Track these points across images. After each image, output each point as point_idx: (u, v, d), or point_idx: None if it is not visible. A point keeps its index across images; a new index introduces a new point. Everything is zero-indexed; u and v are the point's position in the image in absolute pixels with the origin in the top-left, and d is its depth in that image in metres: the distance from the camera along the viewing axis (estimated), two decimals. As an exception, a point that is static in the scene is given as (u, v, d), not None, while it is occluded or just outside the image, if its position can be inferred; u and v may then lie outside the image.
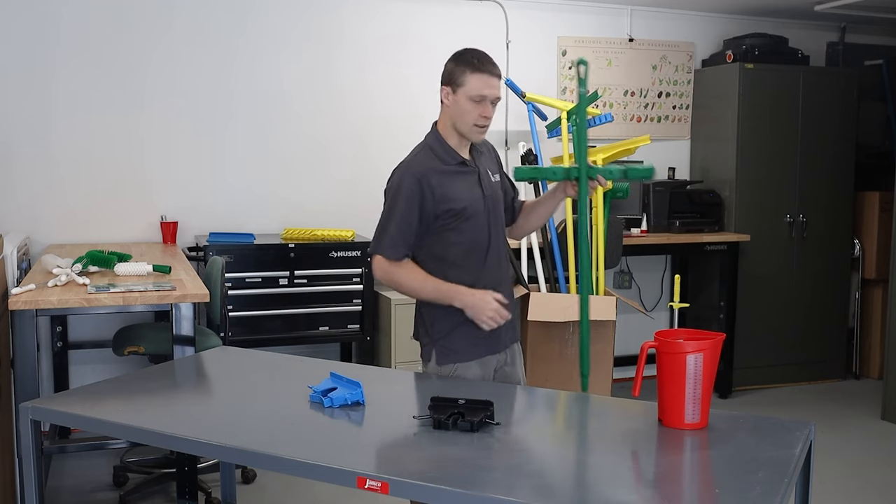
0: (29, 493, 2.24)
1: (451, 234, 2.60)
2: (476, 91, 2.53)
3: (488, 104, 2.56)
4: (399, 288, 2.64)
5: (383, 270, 2.61)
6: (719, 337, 2.04)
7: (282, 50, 4.94)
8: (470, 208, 2.60)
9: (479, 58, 2.56)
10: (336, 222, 4.98)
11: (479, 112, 2.55)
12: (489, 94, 2.54)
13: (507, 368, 2.74)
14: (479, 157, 2.69)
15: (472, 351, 2.64)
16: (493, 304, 2.54)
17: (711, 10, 5.85)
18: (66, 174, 4.60)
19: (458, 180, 2.61)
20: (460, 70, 2.55)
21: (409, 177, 2.57)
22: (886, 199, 5.82)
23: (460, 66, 2.56)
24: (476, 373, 2.65)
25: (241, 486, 4.01)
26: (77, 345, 4.61)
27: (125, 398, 2.36)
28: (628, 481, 1.83)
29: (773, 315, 5.73)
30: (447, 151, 2.62)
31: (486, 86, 2.54)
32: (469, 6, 5.30)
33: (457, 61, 2.58)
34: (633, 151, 4.67)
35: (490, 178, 2.69)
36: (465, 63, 2.55)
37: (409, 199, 2.55)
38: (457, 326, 2.62)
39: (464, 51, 2.61)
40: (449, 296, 2.57)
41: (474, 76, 2.53)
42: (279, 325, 4.51)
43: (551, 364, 4.38)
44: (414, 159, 2.62)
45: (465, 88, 2.54)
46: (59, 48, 4.54)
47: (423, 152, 2.63)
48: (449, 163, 2.61)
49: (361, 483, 1.74)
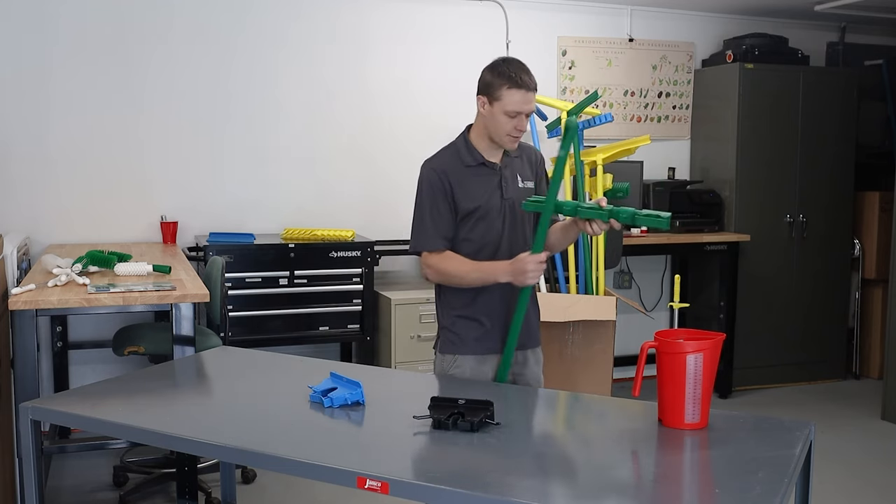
0: (29, 493, 2.24)
1: (462, 230, 2.65)
2: (513, 107, 2.55)
3: (523, 118, 2.57)
4: (448, 278, 2.65)
5: (428, 265, 2.65)
6: (719, 337, 2.04)
7: (281, 50, 4.94)
8: (482, 209, 2.63)
9: (516, 72, 2.54)
10: (336, 222, 4.98)
11: (514, 125, 2.58)
12: (525, 110, 2.56)
13: (517, 368, 2.74)
14: (510, 161, 2.70)
15: (473, 345, 2.66)
16: (529, 264, 2.50)
17: (711, 10, 5.85)
18: (67, 174, 4.60)
19: (476, 180, 2.64)
20: (498, 84, 2.55)
21: (430, 171, 2.65)
22: (886, 199, 5.81)
23: (499, 79, 2.55)
24: (475, 367, 2.65)
25: (241, 486, 4.01)
26: (77, 345, 4.61)
27: (125, 398, 2.36)
28: (628, 481, 1.83)
29: (773, 315, 5.73)
30: (471, 152, 2.66)
31: (524, 101, 2.54)
32: (469, 6, 5.30)
33: (495, 74, 2.56)
34: (633, 151, 4.67)
35: (517, 184, 2.69)
36: (504, 77, 2.54)
37: (435, 192, 2.63)
38: (459, 318, 2.67)
39: (502, 61, 2.59)
40: (493, 275, 2.58)
41: (511, 91, 2.53)
42: (279, 325, 4.51)
43: (551, 364, 4.35)
44: (436, 156, 2.70)
45: (502, 103, 2.55)
46: (58, 48, 4.54)
47: (447, 150, 2.71)
48: (470, 163, 2.65)
49: (361, 483, 1.74)
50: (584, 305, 4.31)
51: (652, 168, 5.63)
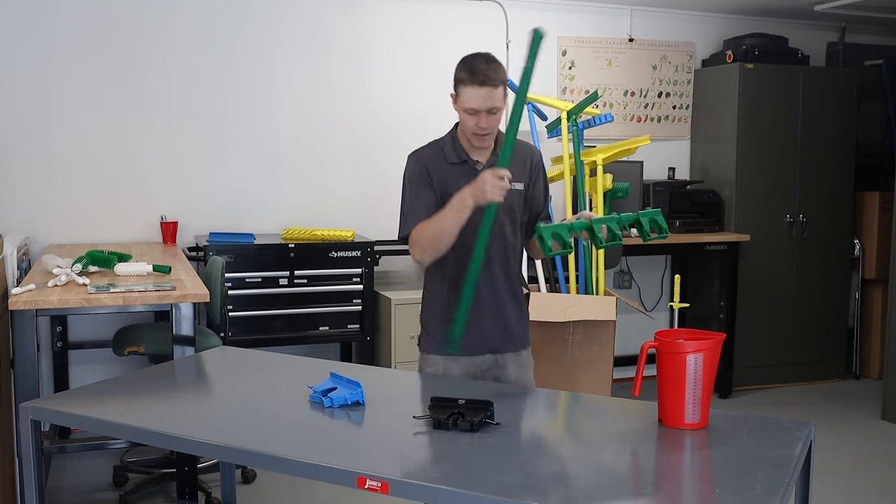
0: (29, 493, 2.24)
1: None
2: (470, 104, 2.49)
3: (483, 115, 2.50)
4: (430, 242, 2.53)
5: (412, 243, 2.59)
6: (719, 337, 2.04)
7: (281, 49, 4.94)
8: None
9: (473, 68, 2.47)
10: (336, 222, 4.98)
11: (475, 122, 2.51)
12: (483, 107, 2.48)
13: (497, 372, 2.68)
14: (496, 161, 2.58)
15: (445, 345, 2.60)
16: (486, 178, 2.37)
17: (711, 10, 5.85)
18: (67, 174, 4.60)
19: (457, 179, 2.58)
20: (457, 80, 2.51)
21: (414, 163, 2.65)
22: (886, 199, 5.82)
23: (458, 75, 2.51)
24: (448, 366, 2.63)
25: (241, 486, 4.01)
26: (77, 345, 4.61)
27: (125, 398, 2.36)
28: (628, 481, 1.83)
29: (773, 315, 5.73)
30: (455, 149, 2.63)
31: (478, 98, 2.47)
32: (469, 6, 5.30)
33: (458, 69, 2.52)
34: (633, 151, 4.67)
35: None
36: (461, 73, 2.50)
37: (418, 179, 2.61)
38: (433, 317, 2.68)
39: (465, 58, 2.53)
40: (459, 204, 2.44)
41: (468, 88, 2.48)
42: (279, 325, 4.51)
43: (551, 364, 4.38)
44: (422, 149, 2.69)
45: (461, 100, 2.52)
46: (57, 48, 4.54)
47: (433, 145, 2.69)
48: (453, 160, 2.62)
49: (361, 483, 1.74)
50: (584, 305, 4.31)
51: (652, 168, 5.63)
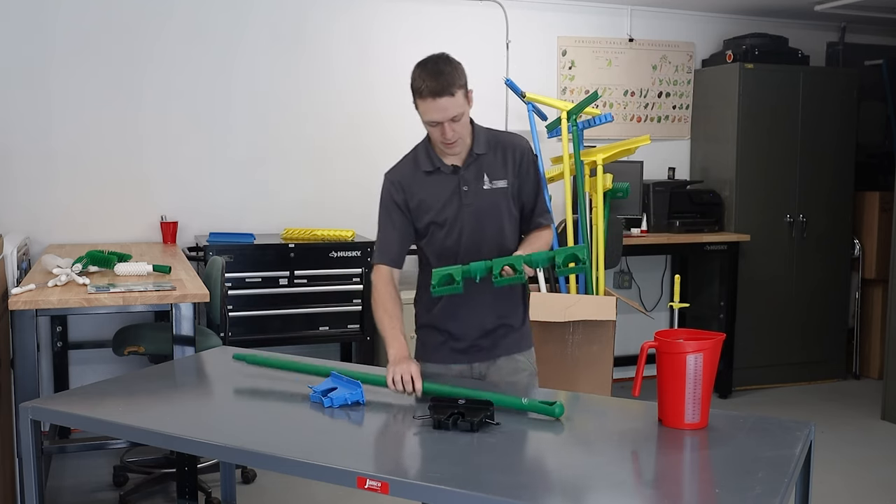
0: (29, 493, 2.24)
1: (422, 239, 2.58)
2: (425, 118, 2.41)
3: (445, 126, 2.38)
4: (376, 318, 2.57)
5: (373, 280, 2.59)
6: (719, 337, 2.04)
7: (281, 49, 4.94)
8: (439, 217, 2.50)
9: (425, 80, 2.35)
10: (336, 222, 4.98)
11: (440, 133, 2.41)
12: (439, 119, 2.37)
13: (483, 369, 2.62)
14: (477, 160, 2.50)
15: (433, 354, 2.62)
16: (399, 372, 2.30)
17: (711, 10, 5.85)
18: (66, 174, 4.60)
19: (434, 187, 2.50)
20: (413, 92, 2.40)
21: (388, 184, 2.56)
22: (886, 199, 5.82)
23: (413, 86, 2.40)
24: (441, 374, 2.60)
25: (241, 486, 4.01)
26: (77, 345, 4.61)
27: (125, 398, 2.36)
28: (628, 481, 1.83)
29: (773, 315, 5.73)
30: (429, 156, 2.52)
31: (436, 110, 2.35)
32: (469, 6, 5.30)
33: (411, 81, 2.41)
34: (633, 151, 4.66)
35: (482, 185, 2.49)
36: (415, 85, 2.38)
37: (388, 206, 2.55)
38: (423, 326, 2.67)
39: (417, 67, 2.41)
40: (386, 340, 2.46)
41: (423, 103, 2.38)
42: (279, 325, 4.51)
43: (551, 364, 4.37)
44: (395, 166, 2.59)
45: (420, 113, 2.42)
46: (58, 48, 4.54)
47: (407, 158, 2.59)
48: (427, 168, 2.52)
49: (361, 483, 1.74)
50: (584, 305, 4.31)
51: (652, 168, 5.63)
